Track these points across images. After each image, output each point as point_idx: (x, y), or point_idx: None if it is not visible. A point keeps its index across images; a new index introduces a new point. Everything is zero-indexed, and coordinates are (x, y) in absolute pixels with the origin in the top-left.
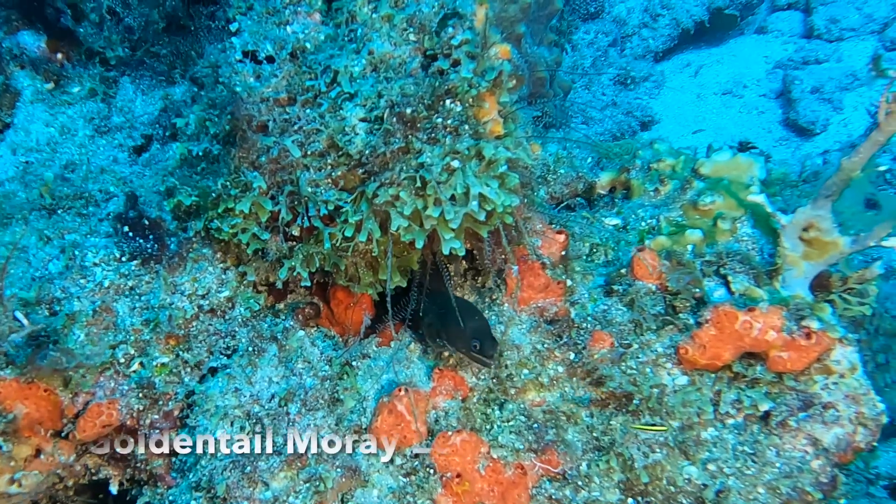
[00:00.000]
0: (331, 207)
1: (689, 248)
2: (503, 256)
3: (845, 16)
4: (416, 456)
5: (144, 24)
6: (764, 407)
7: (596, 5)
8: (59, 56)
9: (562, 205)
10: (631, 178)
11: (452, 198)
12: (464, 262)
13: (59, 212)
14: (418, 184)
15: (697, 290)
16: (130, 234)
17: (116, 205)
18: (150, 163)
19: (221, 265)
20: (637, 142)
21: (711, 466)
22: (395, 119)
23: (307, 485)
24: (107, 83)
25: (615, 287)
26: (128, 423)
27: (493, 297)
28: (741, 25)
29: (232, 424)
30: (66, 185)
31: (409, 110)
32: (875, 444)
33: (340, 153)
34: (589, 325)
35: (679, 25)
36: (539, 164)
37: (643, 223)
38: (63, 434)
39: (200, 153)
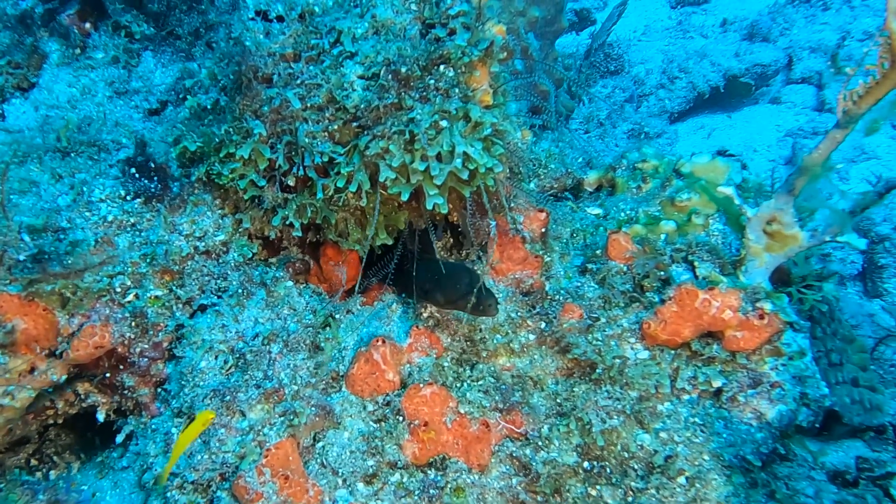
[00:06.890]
0: (325, 159)
1: (662, 237)
2: (486, 230)
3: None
4: (388, 404)
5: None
6: (717, 383)
7: (616, 64)
8: (87, 25)
9: (549, 196)
10: (616, 177)
11: (438, 156)
12: (448, 236)
13: (72, 155)
14: (407, 137)
15: (663, 273)
16: (136, 175)
17: (127, 153)
18: (162, 122)
19: (220, 211)
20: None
21: (663, 435)
22: (390, 76)
23: (282, 418)
24: (129, 53)
25: (589, 266)
26: (119, 349)
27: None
28: (755, 95)
29: (216, 358)
30: (80, 134)
31: (404, 69)
32: (817, 425)
33: (338, 107)
34: (561, 298)
35: (695, 89)
36: (530, 159)
37: (622, 214)
38: (57, 353)
39: (209, 105)
